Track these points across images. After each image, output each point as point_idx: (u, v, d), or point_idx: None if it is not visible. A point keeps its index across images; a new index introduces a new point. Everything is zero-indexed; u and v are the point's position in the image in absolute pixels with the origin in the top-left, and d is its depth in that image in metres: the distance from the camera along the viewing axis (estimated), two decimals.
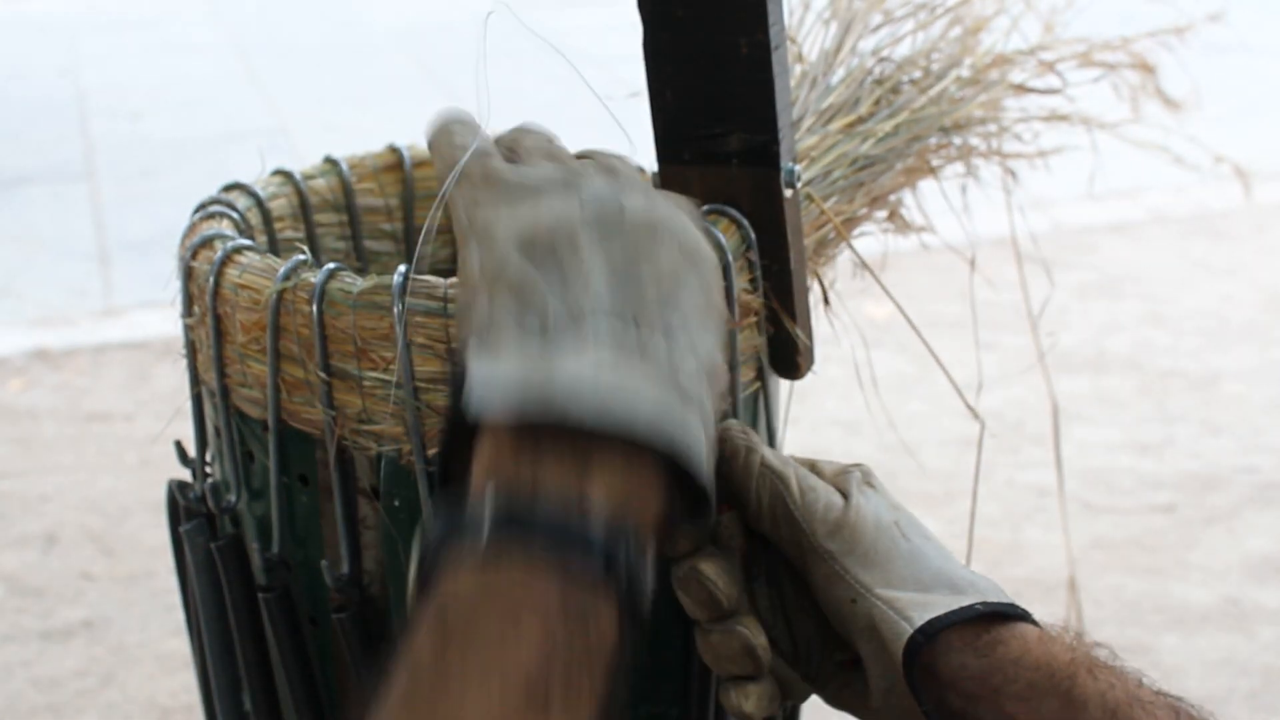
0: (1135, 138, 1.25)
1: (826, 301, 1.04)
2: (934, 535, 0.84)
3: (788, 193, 0.92)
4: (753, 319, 0.93)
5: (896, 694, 0.80)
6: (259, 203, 1.06)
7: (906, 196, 1.13)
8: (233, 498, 0.97)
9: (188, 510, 1.00)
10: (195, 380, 0.98)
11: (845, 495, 0.83)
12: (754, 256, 0.92)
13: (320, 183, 1.11)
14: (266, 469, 0.93)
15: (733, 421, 0.86)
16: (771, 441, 0.99)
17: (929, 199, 1.16)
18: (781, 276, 0.93)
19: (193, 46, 6.10)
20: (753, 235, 0.92)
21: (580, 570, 0.60)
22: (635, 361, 0.62)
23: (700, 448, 0.65)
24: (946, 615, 0.78)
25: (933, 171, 1.12)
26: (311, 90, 5.12)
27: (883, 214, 1.10)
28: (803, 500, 0.82)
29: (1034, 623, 0.80)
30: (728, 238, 0.91)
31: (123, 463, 2.66)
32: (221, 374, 0.94)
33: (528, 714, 0.57)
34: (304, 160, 1.13)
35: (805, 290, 0.96)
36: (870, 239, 1.11)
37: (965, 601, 0.79)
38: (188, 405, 1.01)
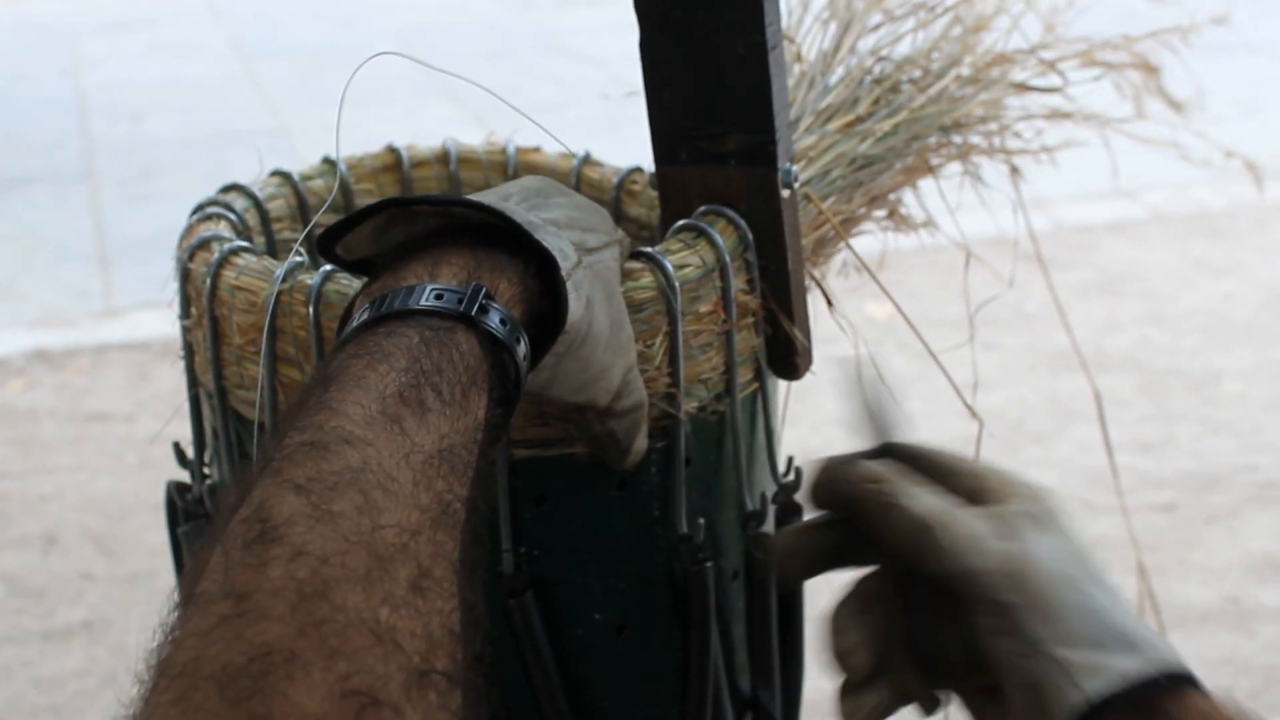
0: (1140, 135, 1.24)
1: (830, 304, 1.04)
2: (1104, 576, 0.78)
3: (785, 193, 0.91)
4: (750, 320, 0.93)
5: None
6: (257, 204, 1.06)
7: (907, 196, 1.12)
8: None
9: (186, 512, 1.00)
10: (193, 382, 0.98)
11: (1012, 535, 0.76)
12: (751, 257, 0.92)
13: (319, 183, 1.11)
14: None
15: (867, 469, 0.80)
16: (770, 443, 0.99)
17: (930, 198, 1.16)
18: (779, 277, 0.93)
19: (193, 47, 6.10)
20: (750, 236, 0.92)
21: (435, 315, 0.69)
22: (506, 205, 0.78)
23: (549, 240, 0.76)
24: (1126, 690, 0.72)
25: (932, 171, 1.12)
26: (311, 91, 5.12)
27: (882, 213, 1.10)
28: (954, 550, 0.76)
29: (1201, 688, 0.74)
30: (725, 238, 0.91)
31: (123, 463, 2.66)
32: (219, 376, 0.93)
33: (403, 411, 0.63)
34: (304, 161, 1.13)
35: (803, 291, 0.95)
36: (870, 238, 1.11)
37: (1139, 664, 0.73)
38: (187, 406, 1.01)
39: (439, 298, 0.70)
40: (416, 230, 0.76)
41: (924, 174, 1.10)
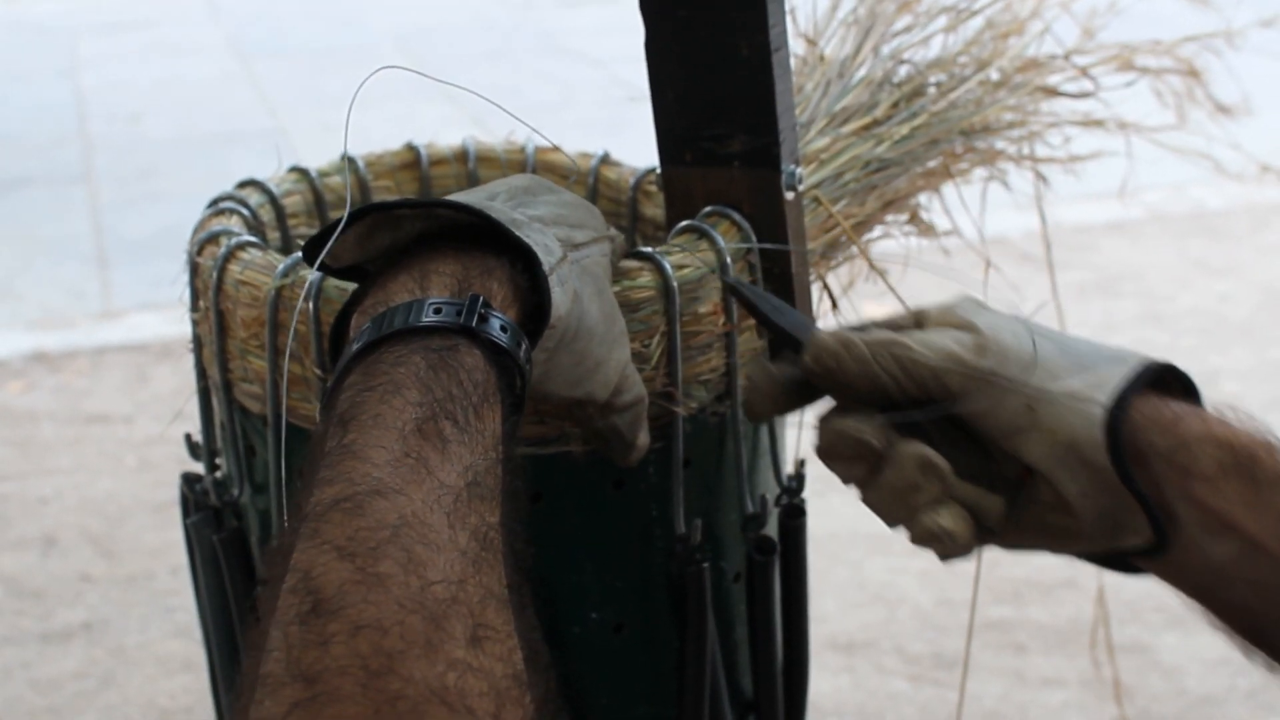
0: (1173, 145, 1.22)
1: (835, 305, 1.04)
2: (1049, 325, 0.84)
3: (789, 195, 0.92)
4: (752, 322, 0.93)
5: (1092, 494, 0.78)
6: (273, 199, 1.06)
7: (922, 199, 1.12)
8: (236, 491, 0.97)
9: (196, 503, 1.01)
10: (202, 374, 0.99)
11: (966, 325, 0.82)
12: (754, 259, 0.92)
13: (336, 180, 1.11)
14: (267, 464, 0.93)
15: (817, 331, 0.84)
16: (774, 444, 0.99)
17: (933, 199, 1.15)
18: (783, 279, 0.93)
19: (192, 48, 6.10)
20: (753, 237, 0.92)
21: (435, 334, 0.69)
22: (489, 204, 0.78)
23: (533, 237, 0.76)
24: (1127, 382, 0.78)
25: (953, 176, 1.11)
26: (310, 91, 5.12)
27: (902, 217, 1.10)
28: (931, 350, 0.80)
29: (1197, 391, 0.81)
30: (728, 239, 0.91)
31: (122, 464, 2.66)
32: (224, 369, 0.94)
33: (425, 448, 0.63)
34: (302, 161, 1.13)
35: (808, 293, 0.95)
36: (872, 241, 1.10)
37: (1132, 368, 0.79)
38: (187, 406, 1.02)
39: (438, 312, 0.70)
40: (401, 234, 0.77)
41: (945, 178, 1.10)
